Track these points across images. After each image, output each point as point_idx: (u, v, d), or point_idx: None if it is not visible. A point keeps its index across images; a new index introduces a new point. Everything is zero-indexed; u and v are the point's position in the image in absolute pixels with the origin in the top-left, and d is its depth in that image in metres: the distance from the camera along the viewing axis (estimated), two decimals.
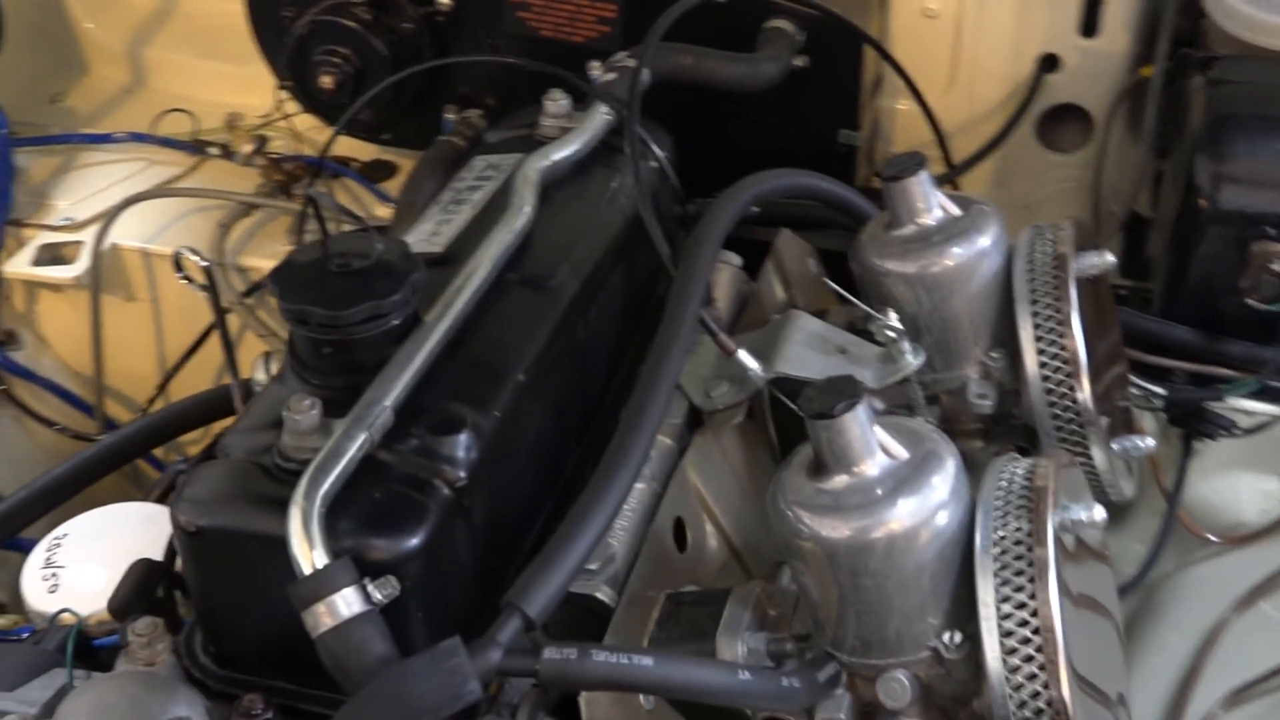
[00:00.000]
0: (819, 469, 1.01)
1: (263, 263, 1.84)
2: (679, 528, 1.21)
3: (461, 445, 1.05)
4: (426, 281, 1.10)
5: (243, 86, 2.14)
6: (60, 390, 1.94)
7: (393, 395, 1.03)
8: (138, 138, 2.05)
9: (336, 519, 0.97)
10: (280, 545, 0.95)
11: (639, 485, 1.22)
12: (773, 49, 1.61)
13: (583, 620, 1.11)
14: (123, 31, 2.23)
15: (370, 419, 1.00)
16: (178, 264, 1.47)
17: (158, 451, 1.99)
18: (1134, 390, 1.51)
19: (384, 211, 1.91)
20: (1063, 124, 1.87)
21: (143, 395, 1.98)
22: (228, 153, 1.96)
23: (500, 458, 1.10)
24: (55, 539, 1.51)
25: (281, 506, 0.97)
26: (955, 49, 1.82)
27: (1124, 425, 1.39)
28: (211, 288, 1.47)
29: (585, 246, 1.31)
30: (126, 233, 1.89)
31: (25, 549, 1.69)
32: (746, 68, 1.57)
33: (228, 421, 1.72)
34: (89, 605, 1.41)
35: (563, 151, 1.37)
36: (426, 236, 1.29)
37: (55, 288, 1.92)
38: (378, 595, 0.93)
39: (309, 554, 0.92)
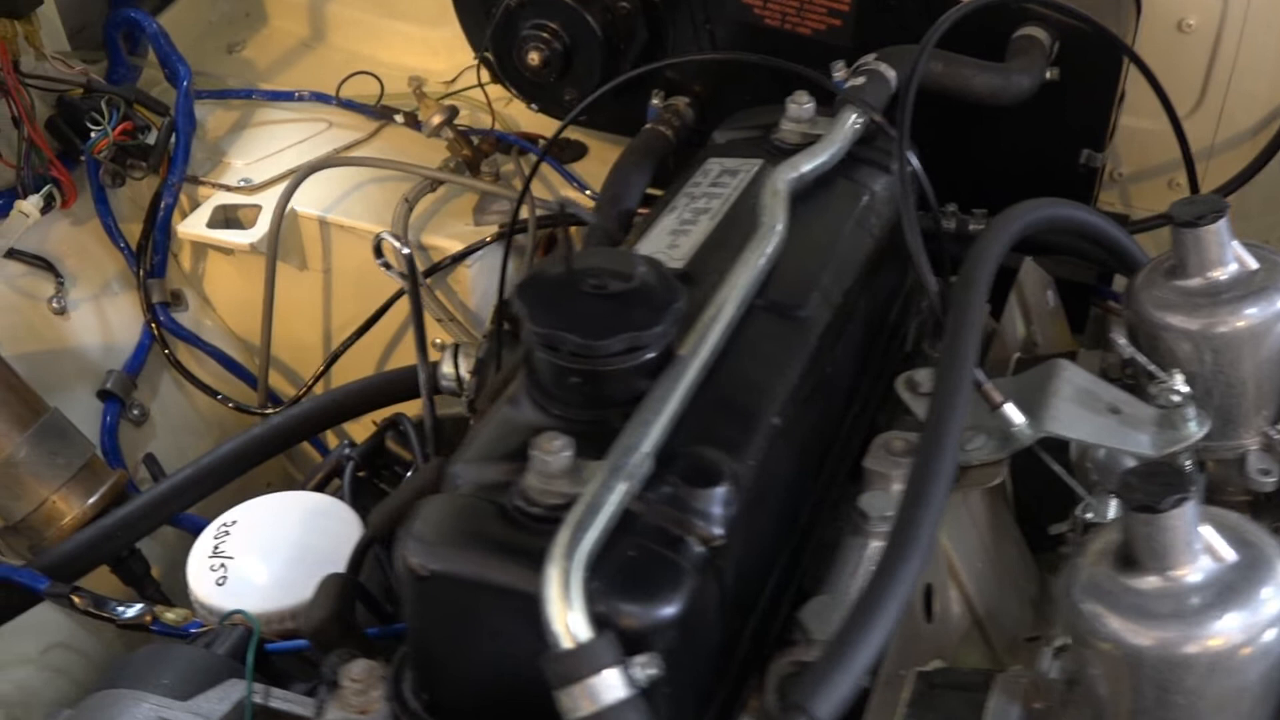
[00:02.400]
0: (1128, 563, 0.89)
1: (445, 242, 1.75)
2: (927, 596, 1.10)
3: (720, 499, 0.95)
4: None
5: (428, 50, 2.06)
6: (224, 358, 1.86)
7: (652, 440, 0.93)
8: (320, 98, 1.96)
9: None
10: (521, 600, 0.86)
11: (876, 543, 1.11)
12: (1026, 59, 1.47)
13: None
14: None
15: (631, 468, 0.90)
16: (378, 250, 1.38)
17: None
18: None
19: (570, 194, 1.81)
20: None
21: (304, 366, 1.90)
22: (414, 121, 1.86)
23: (754, 511, 0.99)
24: (223, 526, 1.43)
25: (526, 557, 0.88)
26: (1209, 68, 1.68)
27: None
28: (413, 276, 1.38)
29: (835, 272, 1.19)
30: (305, 199, 1.80)
31: (187, 526, 1.63)
32: (1000, 79, 1.44)
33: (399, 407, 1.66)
34: (259, 602, 1.34)
35: (812, 163, 1.25)
36: (663, 249, 1.18)
37: (227, 251, 1.84)
38: (640, 676, 0.83)
39: (566, 623, 0.82)
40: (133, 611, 1.34)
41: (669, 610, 0.89)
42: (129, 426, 1.74)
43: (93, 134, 1.71)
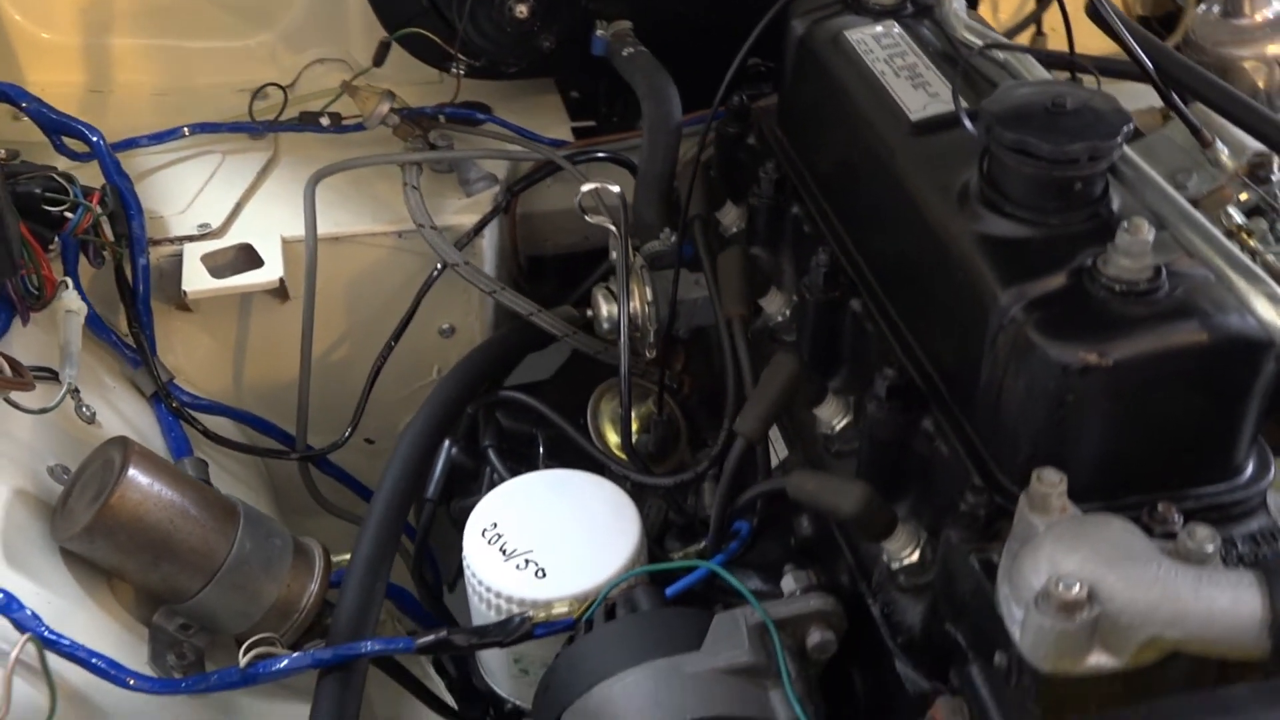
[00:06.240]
0: None
1: (457, 219, 1.72)
2: None
3: None
4: None
5: (252, 61, 1.99)
6: (249, 417, 1.71)
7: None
8: (205, 128, 1.81)
9: None
10: (1197, 356, 1.03)
11: None
12: None
13: None
14: (64, 24, 1.93)
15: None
16: (582, 207, 1.38)
17: None
18: None
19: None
20: None
21: (288, 401, 1.77)
22: (337, 121, 1.79)
23: None
24: (487, 531, 1.39)
25: (1175, 317, 1.03)
26: None
27: None
28: (625, 220, 1.40)
29: None
30: (280, 224, 1.69)
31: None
32: None
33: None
34: (596, 574, 1.35)
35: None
36: (927, 100, 1.32)
37: (189, 306, 1.68)
38: None
39: None
40: (515, 624, 1.29)
41: None
42: None
43: (67, 215, 1.49)
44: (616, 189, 1.39)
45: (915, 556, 1.19)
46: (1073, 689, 0.97)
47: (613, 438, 1.65)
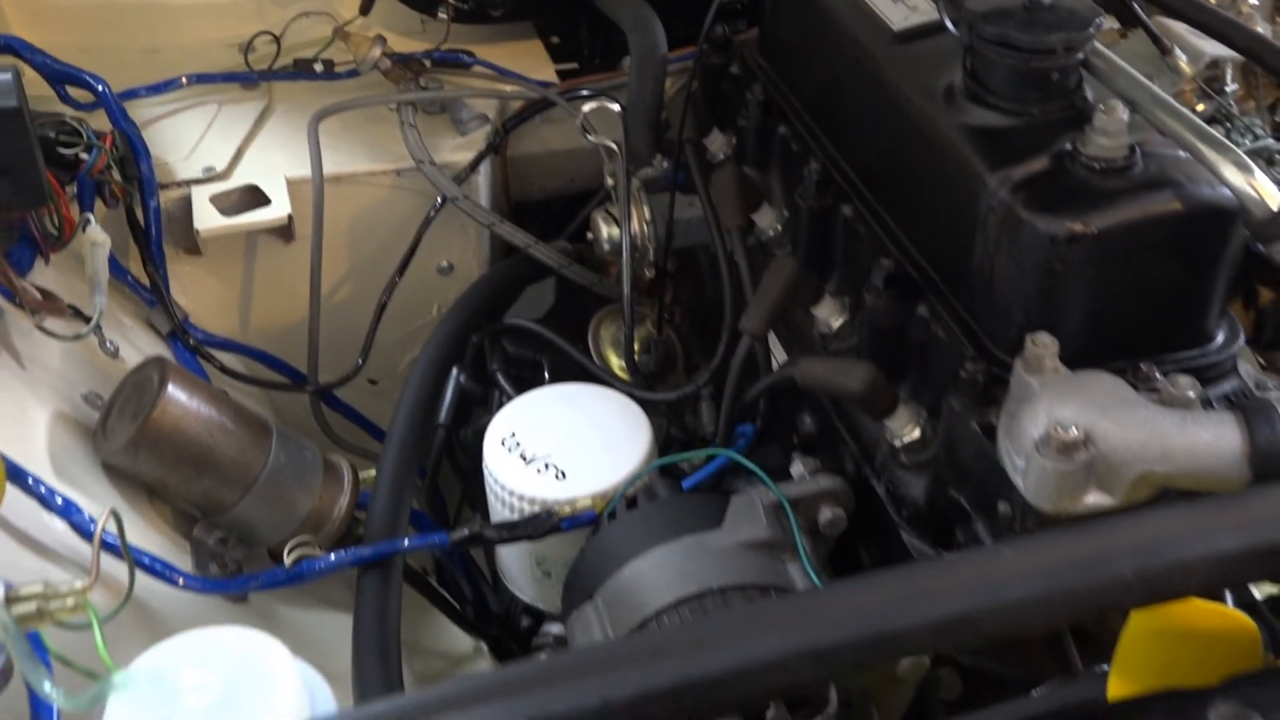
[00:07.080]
0: None
1: (453, 156, 1.79)
2: None
3: None
4: None
5: (239, 16, 2.02)
6: (260, 354, 1.77)
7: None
8: (203, 79, 1.87)
9: None
10: (1174, 221, 1.12)
11: None
12: None
13: None
14: None
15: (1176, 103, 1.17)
16: (584, 128, 1.45)
17: None
18: None
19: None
20: None
21: (293, 342, 1.83)
22: (330, 68, 1.86)
23: None
24: (506, 439, 1.46)
25: (1165, 185, 1.13)
26: None
27: None
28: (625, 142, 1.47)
29: None
30: (273, 167, 1.75)
31: None
32: None
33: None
34: (612, 474, 1.42)
35: None
36: (902, 19, 1.41)
37: (198, 249, 1.74)
38: None
39: (1264, 191, 1.09)
40: (543, 518, 1.37)
41: None
42: None
43: (81, 157, 1.55)
44: (616, 107, 1.46)
45: (916, 434, 1.28)
46: None
47: (614, 360, 1.73)
